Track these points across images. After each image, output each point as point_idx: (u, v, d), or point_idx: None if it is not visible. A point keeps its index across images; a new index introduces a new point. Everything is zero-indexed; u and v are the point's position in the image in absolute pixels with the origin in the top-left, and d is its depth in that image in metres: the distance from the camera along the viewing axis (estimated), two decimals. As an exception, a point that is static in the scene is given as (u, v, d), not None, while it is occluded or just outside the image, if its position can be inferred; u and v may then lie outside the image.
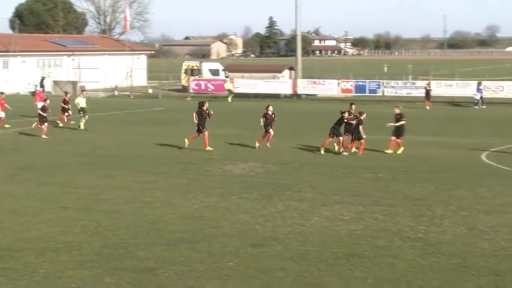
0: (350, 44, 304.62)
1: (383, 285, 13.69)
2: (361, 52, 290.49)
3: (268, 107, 33.73)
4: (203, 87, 74.86)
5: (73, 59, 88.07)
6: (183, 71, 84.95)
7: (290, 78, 76.02)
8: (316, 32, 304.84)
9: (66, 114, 44.08)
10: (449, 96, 63.98)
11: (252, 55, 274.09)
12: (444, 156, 30.70)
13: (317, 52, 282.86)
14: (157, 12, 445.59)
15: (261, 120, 33.28)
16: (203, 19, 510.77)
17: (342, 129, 31.49)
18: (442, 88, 64.96)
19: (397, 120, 31.83)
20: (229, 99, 67.90)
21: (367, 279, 14.00)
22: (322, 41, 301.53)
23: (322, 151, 31.14)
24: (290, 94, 71.35)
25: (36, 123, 39.13)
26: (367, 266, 14.78)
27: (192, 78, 78.13)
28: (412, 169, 27.38)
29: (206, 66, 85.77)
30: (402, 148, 31.32)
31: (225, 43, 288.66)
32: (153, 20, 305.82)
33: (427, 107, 57.91)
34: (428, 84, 63.47)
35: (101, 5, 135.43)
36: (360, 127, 31.04)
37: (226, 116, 48.50)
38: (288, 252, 15.85)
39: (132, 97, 73.54)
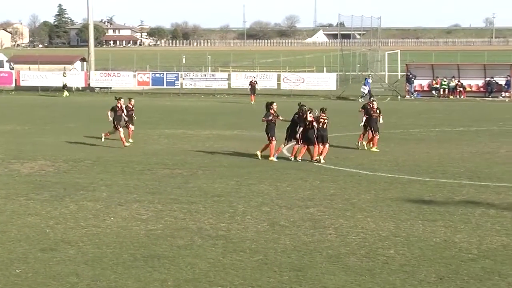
0: (146, 34, 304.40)
1: (183, 286, 13.81)
2: (158, 42, 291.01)
3: (272, 104, 29.25)
4: (-16, 80, 72.24)
5: None
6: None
7: (83, 70, 75.03)
8: (110, 21, 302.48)
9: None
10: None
11: (40, 45, 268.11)
12: (246, 149, 31.20)
13: (111, 42, 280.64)
14: None
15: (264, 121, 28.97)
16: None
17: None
18: (242, 80, 66.12)
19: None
20: (65, 93, 66.11)
21: (167, 280, 14.07)
22: (117, 31, 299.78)
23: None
24: (83, 87, 70.41)
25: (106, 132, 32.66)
26: (166, 267, 14.85)
27: (-28, 70, 75.35)
28: (212, 164, 27.70)
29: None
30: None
31: (9, 32, 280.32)
32: None
33: (252, 102, 58.63)
34: (254, 77, 64.46)
35: None
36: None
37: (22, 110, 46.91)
38: (81, 256, 15.63)
39: None
